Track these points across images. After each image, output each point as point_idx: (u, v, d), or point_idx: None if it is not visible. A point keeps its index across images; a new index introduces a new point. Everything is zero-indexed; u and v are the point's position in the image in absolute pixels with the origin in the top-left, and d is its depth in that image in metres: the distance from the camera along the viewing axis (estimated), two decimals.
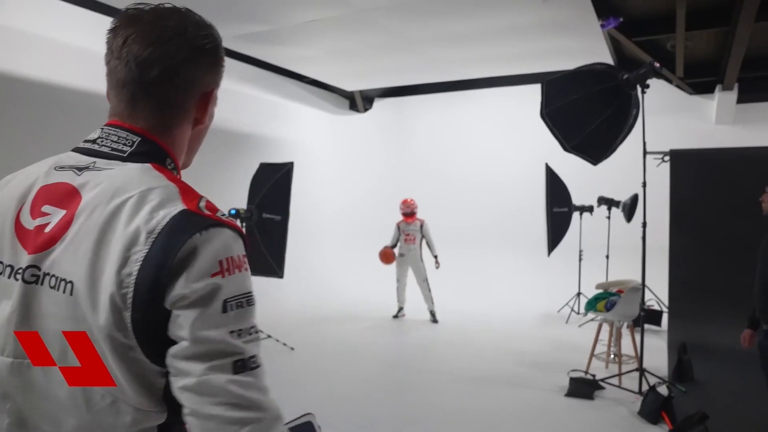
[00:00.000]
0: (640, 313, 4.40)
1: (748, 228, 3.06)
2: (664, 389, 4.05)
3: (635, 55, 6.75)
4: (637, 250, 4.32)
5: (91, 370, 0.80)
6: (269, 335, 5.79)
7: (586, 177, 6.59)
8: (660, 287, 6.06)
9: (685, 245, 5.38)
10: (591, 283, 5.44)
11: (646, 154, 6.04)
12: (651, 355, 5.12)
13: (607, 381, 4.45)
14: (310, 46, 6.54)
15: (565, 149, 4.28)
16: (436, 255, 7.24)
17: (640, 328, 4.39)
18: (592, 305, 4.86)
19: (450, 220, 9.05)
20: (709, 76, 7.47)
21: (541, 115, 4.29)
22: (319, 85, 9.28)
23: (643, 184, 4.29)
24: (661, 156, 5.88)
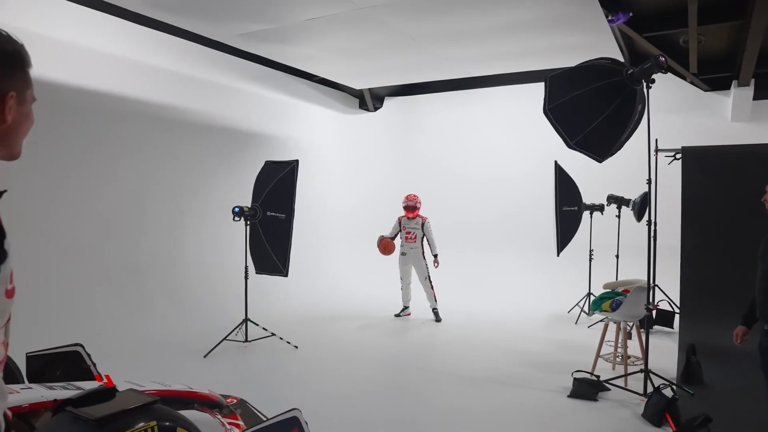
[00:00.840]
0: (647, 314, 4.31)
1: (762, 227, 2.97)
2: (669, 391, 3.95)
3: (648, 51, 6.61)
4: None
5: None
6: (273, 333, 5.80)
7: (595, 174, 6.48)
8: (672, 288, 5.93)
9: (696, 245, 5.25)
10: (601, 283, 5.34)
11: (658, 151, 5.96)
12: (661, 356, 5.02)
13: (612, 382, 4.35)
14: (316, 44, 6.54)
15: (569, 146, 4.19)
16: (436, 254, 7.17)
17: (647, 328, 4.29)
18: (597, 305, 4.77)
19: (458, 219, 9.00)
20: (724, 72, 7.30)
21: (544, 112, 4.22)
22: (328, 84, 9.30)
23: (648, 182, 4.19)
24: (672, 153, 5.76)
